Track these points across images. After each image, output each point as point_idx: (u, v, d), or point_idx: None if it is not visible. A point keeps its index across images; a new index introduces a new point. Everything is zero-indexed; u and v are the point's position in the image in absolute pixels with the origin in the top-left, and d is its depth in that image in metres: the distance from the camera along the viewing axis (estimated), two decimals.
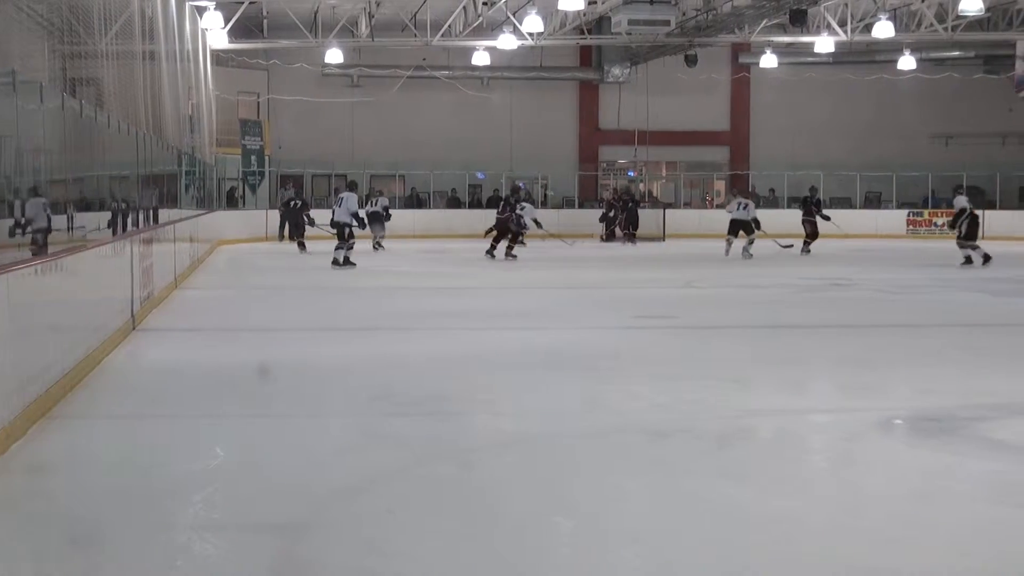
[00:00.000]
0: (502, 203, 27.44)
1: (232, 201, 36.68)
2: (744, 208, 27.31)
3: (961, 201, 24.26)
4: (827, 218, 28.38)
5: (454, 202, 39.90)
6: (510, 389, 9.93)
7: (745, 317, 15.68)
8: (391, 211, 30.44)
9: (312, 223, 28.87)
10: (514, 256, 26.16)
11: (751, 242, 27.21)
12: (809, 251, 28.34)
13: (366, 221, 26.40)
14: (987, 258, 23.54)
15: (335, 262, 23.45)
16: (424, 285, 20.17)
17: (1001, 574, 5.22)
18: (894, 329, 14.64)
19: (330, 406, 9.16)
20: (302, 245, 29.33)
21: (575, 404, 9.29)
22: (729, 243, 27.26)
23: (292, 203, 31.60)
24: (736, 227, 27.23)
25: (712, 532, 5.80)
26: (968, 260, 23.81)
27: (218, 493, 6.63)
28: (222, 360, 11.40)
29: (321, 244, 27.47)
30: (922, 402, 9.44)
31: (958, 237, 24.28)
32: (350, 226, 23.97)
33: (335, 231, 24.16)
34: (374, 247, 29.06)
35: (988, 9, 30.96)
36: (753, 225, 27.29)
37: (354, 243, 23.96)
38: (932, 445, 7.84)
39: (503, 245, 26.40)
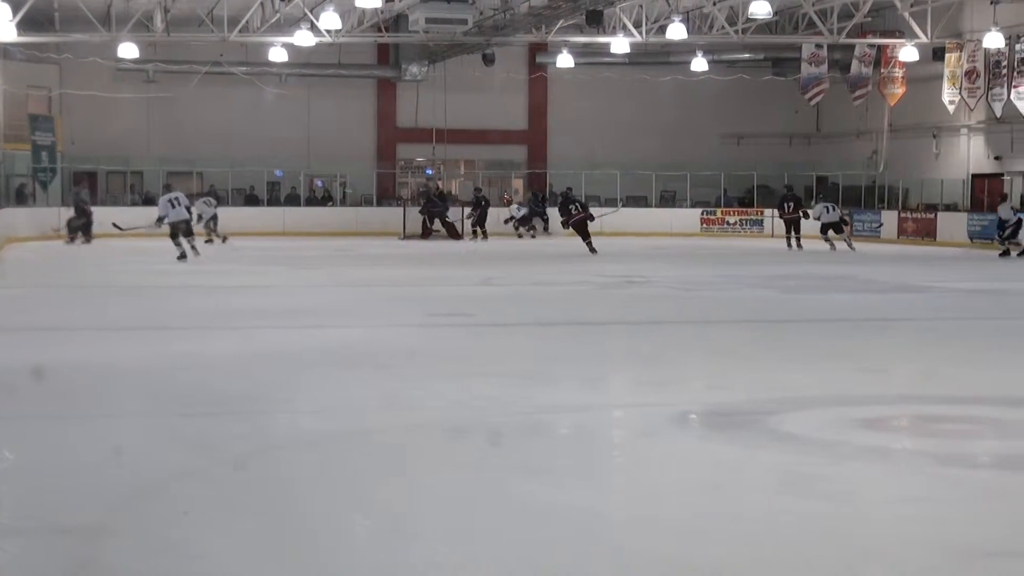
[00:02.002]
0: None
1: (22, 198, 35.69)
2: (832, 211, 30.91)
3: (1007, 210, 27.09)
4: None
5: (252, 200, 39.48)
6: (308, 387, 9.88)
7: (542, 314, 15.84)
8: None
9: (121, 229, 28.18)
10: None
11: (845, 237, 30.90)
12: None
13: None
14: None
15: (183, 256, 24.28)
16: (220, 284, 19.92)
17: (790, 563, 5.38)
18: (688, 325, 14.95)
19: (123, 406, 9.01)
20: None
21: (373, 402, 9.29)
22: (793, 240, 31.17)
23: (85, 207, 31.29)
24: (826, 228, 30.54)
25: (511, 527, 5.85)
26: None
27: (6, 496, 6.47)
28: (9, 360, 11.09)
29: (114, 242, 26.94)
30: (714, 397, 9.67)
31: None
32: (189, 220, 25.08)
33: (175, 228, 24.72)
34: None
35: (776, 13, 31.84)
36: (842, 223, 31.15)
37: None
38: (723, 438, 8.03)
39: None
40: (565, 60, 37.05)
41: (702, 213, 40.00)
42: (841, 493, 6.56)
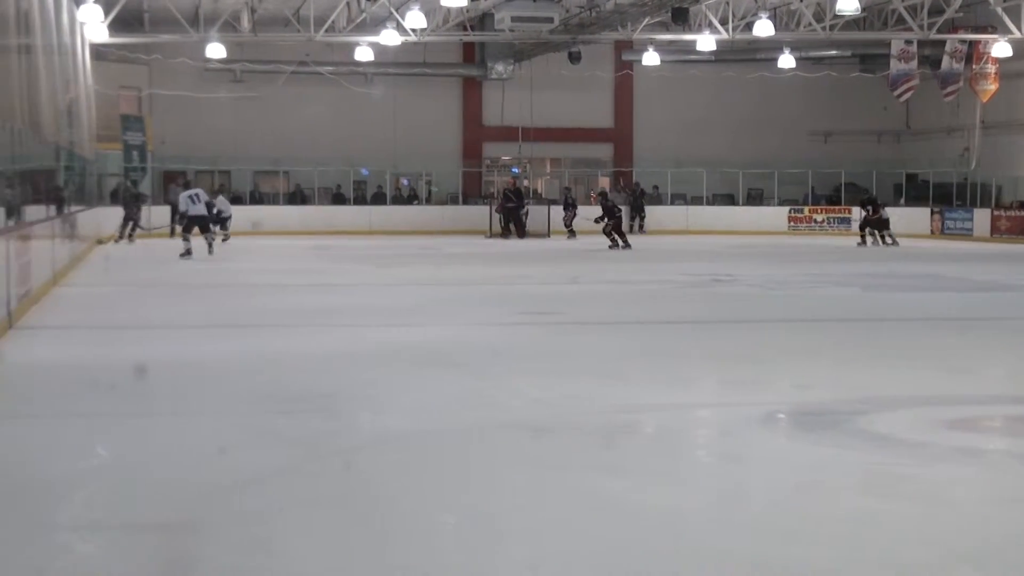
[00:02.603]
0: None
1: (115, 197, 36.14)
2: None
3: None
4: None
5: (338, 198, 39.73)
6: (392, 386, 9.91)
7: (628, 313, 15.80)
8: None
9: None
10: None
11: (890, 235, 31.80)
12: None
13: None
14: None
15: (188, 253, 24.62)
16: (306, 282, 20.05)
17: (879, 564, 5.31)
18: (774, 324, 14.83)
19: (211, 404, 9.08)
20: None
21: (458, 400, 9.28)
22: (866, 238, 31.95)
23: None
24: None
25: (595, 526, 5.82)
26: None
27: (99, 492, 6.53)
28: (101, 358, 11.24)
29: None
30: (801, 396, 9.58)
31: None
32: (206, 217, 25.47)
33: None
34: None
35: (864, 9, 31.52)
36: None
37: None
38: (811, 438, 7.96)
39: None
40: (651, 58, 36.95)
41: (789, 211, 39.72)
42: (930, 494, 6.47)
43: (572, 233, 34.95)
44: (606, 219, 29.61)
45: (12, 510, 6.08)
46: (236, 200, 38.23)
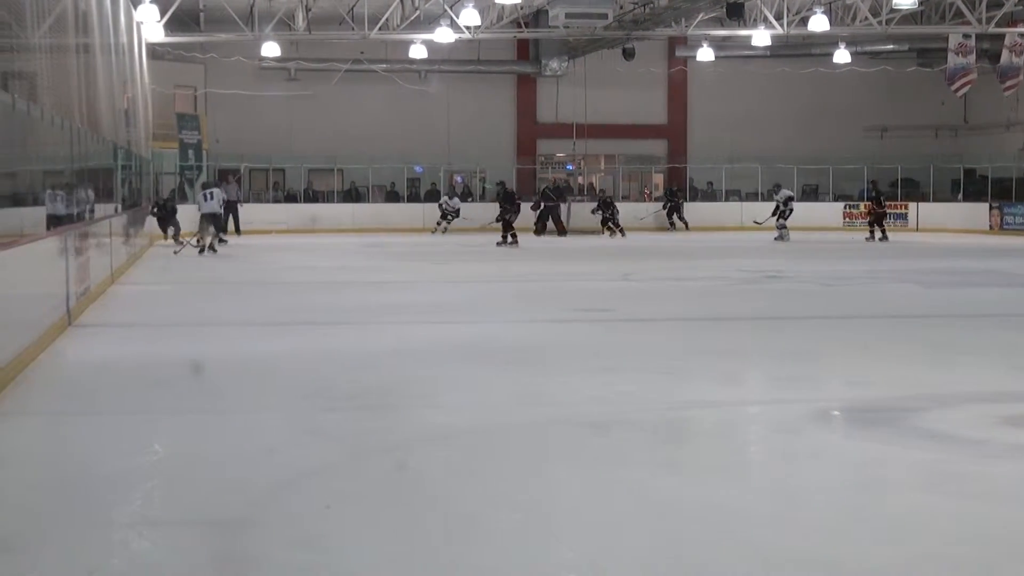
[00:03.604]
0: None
1: (172, 196, 36.37)
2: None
3: None
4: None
5: (392, 196, 39.84)
6: (445, 382, 9.93)
7: (681, 309, 15.77)
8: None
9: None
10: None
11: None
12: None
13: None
14: None
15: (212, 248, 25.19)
16: (359, 279, 20.13)
17: (936, 563, 5.27)
18: (828, 320, 14.74)
19: (265, 401, 9.12)
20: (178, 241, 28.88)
21: (511, 397, 9.29)
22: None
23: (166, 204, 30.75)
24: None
25: (651, 523, 5.82)
26: None
27: (155, 489, 6.59)
28: (157, 355, 11.33)
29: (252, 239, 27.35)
30: (857, 393, 9.51)
31: None
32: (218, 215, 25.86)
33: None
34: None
35: (921, 3, 31.29)
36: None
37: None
38: (866, 435, 7.91)
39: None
40: (705, 53, 36.83)
41: (844, 207, 39.45)
42: (988, 492, 6.42)
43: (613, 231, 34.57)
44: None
45: (70, 506, 6.12)
46: (291, 197, 38.49)
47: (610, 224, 34.17)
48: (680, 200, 38.14)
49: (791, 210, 32.14)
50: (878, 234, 32.04)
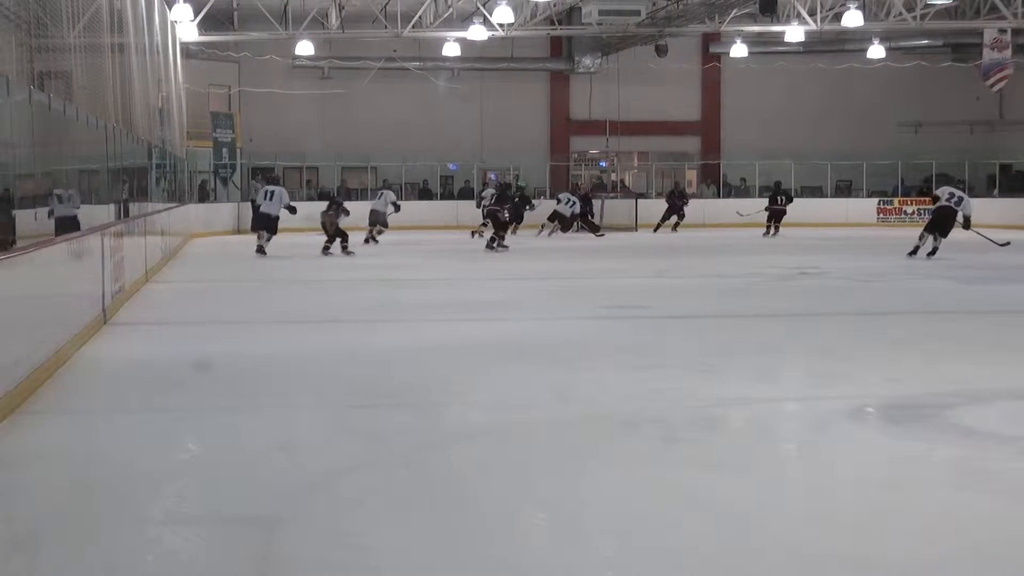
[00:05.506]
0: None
1: (204, 194, 36.55)
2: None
3: None
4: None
5: (426, 193, 39.89)
6: (480, 380, 9.95)
7: (715, 306, 15.73)
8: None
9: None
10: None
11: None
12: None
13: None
14: None
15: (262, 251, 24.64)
16: (390, 277, 20.16)
17: (969, 561, 5.26)
18: (863, 317, 14.70)
19: (300, 398, 9.15)
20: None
21: (545, 394, 9.29)
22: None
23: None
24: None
25: (684, 520, 5.82)
26: None
27: (190, 487, 6.62)
28: (193, 353, 11.37)
29: (294, 236, 27.42)
30: (891, 390, 9.47)
31: None
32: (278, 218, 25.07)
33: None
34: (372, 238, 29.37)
35: None
36: None
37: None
38: (901, 432, 7.89)
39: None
40: (739, 50, 36.72)
41: (879, 203, 39.29)
42: (1022, 490, 6.39)
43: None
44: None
45: (104, 504, 6.16)
46: (325, 196, 38.52)
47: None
48: (685, 202, 37.09)
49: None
50: (772, 231, 32.77)
